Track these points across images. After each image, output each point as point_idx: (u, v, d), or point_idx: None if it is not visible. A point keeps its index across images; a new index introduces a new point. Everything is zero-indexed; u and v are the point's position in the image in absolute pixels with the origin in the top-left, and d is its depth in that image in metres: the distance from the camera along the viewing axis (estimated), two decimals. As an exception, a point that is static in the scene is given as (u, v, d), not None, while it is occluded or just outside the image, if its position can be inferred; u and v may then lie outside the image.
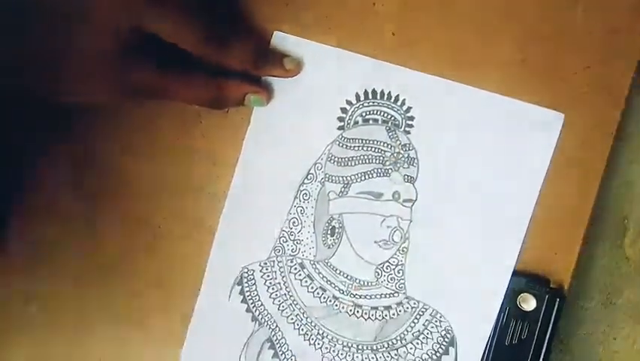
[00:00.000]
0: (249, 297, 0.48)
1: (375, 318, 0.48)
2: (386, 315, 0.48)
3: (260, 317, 0.49)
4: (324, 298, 0.48)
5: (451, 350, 0.47)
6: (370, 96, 0.47)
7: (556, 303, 0.46)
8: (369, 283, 0.48)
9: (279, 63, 0.46)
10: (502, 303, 0.46)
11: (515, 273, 0.47)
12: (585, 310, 0.53)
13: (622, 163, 0.50)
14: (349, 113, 0.47)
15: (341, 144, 0.47)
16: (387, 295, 0.48)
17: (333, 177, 0.47)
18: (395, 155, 0.47)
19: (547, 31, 0.46)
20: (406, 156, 0.47)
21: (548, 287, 0.46)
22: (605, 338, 0.51)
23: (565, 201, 0.47)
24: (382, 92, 0.47)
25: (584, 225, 0.47)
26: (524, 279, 0.46)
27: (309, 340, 0.48)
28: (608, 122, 0.46)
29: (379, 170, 0.47)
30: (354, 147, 0.47)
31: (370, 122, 0.47)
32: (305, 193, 0.48)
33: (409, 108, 0.47)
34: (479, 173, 0.47)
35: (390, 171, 0.47)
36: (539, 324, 0.46)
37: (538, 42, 0.46)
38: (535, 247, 0.47)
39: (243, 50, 0.45)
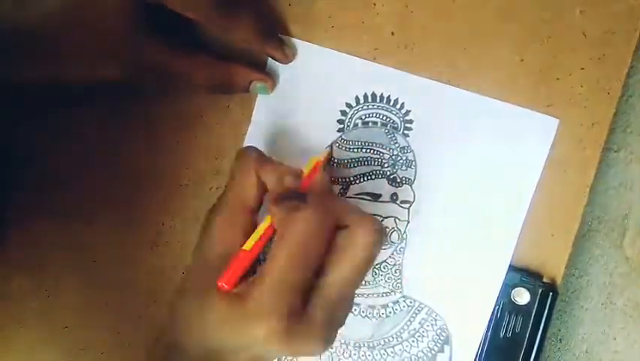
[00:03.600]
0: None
1: (373, 316, 0.50)
2: (383, 313, 0.50)
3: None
4: (323, 297, 0.51)
5: (446, 347, 0.50)
6: (370, 99, 0.49)
7: (549, 297, 0.49)
8: (367, 283, 0.50)
9: (281, 45, 0.48)
10: (497, 297, 0.49)
11: (510, 268, 0.49)
12: (585, 310, 0.54)
13: (622, 163, 0.52)
14: (349, 115, 0.50)
15: (340, 146, 0.50)
16: (385, 294, 0.50)
17: (333, 179, 0.49)
18: (394, 157, 0.49)
19: (545, 32, 0.48)
20: (404, 158, 0.49)
21: (541, 282, 0.49)
22: (605, 338, 0.52)
23: (559, 198, 0.49)
24: (382, 96, 0.49)
25: (576, 222, 0.49)
26: (518, 274, 0.49)
27: (307, 337, 0.51)
28: (601, 122, 0.49)
29: (378, 172, 0.49)
30: (354, 148, 0.49)
31: (370, 124, 0.49)
32: (304, 194, 0.50)
33: (408, 112, 0.49)
34: (475, 175, 0.49)
35: (388, 172, 0.49)
36: (533, 317, 0.49)
37: (535, 43, 0.48)
38: (529, 243, 0.49)
39: (250, 20, 0.46)
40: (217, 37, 0.49)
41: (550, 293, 0.49)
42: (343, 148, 0.50)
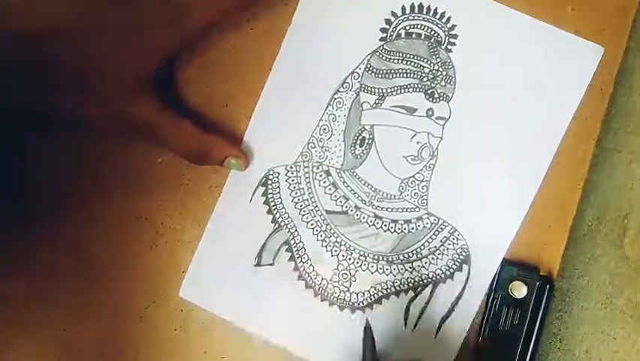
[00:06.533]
0: (272, 199, 0.51)
1: (394, 231, 0.51)
2: (405, 229, 0.51)
3: (280, 219, 0.51)
4: (346, 207, 0.51)
5: (465, 267, 0.51)
6: (416, 10, 0.50)
7: (546, 290, 0.51)
8: (393, 197, 0.51)
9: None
10: (495, 291, 0.51)
11: (507, 262, 0.51)
12: (585, 310, 0.55)
13: (622, 163, 0.54)
14: (393, 25, 0.50)
15: (381, 56, 0.50)
16: (409, 210, 0.51)
17: (369, 88, 0.51)
18: (434, 72, 0.50)
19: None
20: (444, 73, 0.50)
21: (538, 275, 0.51)
22: (605, 338, 0.53)
23: (554, 192, 0.51)
24: (429, 8, 0.50)
25: (571, 216, 0.52)
26: (515, 268, 0.51)
27: (326, 246, 0.51)
28: (595, 117, 0.51)
29: (416, 85, 0.50)
30: (394, 59, 0.50)
31: (413, 36, 0.50)
32: (339, 101, 0.51)
33: (454, 26, 0.50)
34: (514, 97, 0.50)
35: (426, 87, 0.50)
36: (530, 310, 0.51)
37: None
38: (526, 238, 0.51)
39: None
40: (199, 105, 0.52)
41: (547, 286, 0.51)
42: (384, 58, 0.51)
